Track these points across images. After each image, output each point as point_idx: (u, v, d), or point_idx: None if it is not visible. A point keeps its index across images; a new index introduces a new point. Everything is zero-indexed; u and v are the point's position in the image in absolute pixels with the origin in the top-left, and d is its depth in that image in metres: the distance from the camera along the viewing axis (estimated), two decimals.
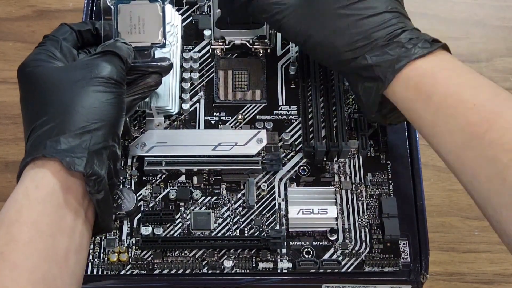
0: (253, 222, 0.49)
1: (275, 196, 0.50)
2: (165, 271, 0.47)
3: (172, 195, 0.49)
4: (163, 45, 0.47)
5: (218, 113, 0.53)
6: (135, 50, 0.46)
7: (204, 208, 0.49)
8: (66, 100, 0.39)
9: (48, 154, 0.37)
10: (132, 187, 0.50)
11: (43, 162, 0.38)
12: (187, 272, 0.47)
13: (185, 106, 0.52)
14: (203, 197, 0.50)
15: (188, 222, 0.49)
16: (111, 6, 0.47)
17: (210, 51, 0.55)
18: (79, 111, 0.39)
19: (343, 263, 0.48)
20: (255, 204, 0.49)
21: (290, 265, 0.47)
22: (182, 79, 0.54)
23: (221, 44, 0.55)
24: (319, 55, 0.46)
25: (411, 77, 0.41)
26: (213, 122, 0.52)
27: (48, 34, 0.45)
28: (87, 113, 0.39)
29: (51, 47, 0.44)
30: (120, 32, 0.46)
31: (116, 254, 0.47)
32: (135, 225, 0.48)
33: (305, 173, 0.51)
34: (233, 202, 0.49)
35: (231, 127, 0.52)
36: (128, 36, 0.46)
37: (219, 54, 0.55)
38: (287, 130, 0.52)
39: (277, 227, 0.49)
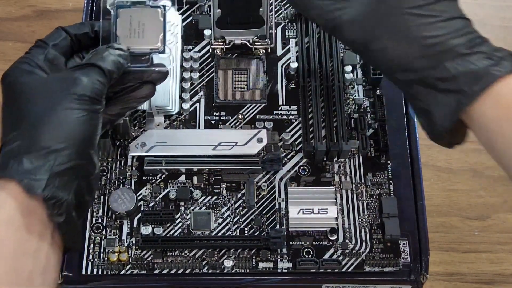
0: (253, 222, 0.49)
1: (275, 196, 0.50)
2: (165, 271, 0.47)
3: (172, 195, 0.49)
4: (162, 51, 0.45)
5: (218, 113, 0.53)
6: (133, 55, 0.44)
7: (204, 208, 0.49)
8: (37, 116, 0.38)
9: (9, 175, 0.36)
10: (132, 187, 0.50)
11: (5, 182, 0.36)
12: (187, 272, 0.47)
13: (185, 106, 0.52)
14: (203, 197, 0.50)
15: (188, 222, 0.49)
16: (111, 10, 0.46)
17: (210, 51, 0.55)
18: (47, 129, 0.37)
19: (343, 263, 0.47)
20: (255, 204, 0.49)
21: (290, 265, 0.47)
22: (182, 79, 0.54)
23: (221, 44, 0.54)
24: (383, 62, 0.40)
25: (502, 94, 0.36)
26: (213, 122, 0.52)
27: (39, 39, 0.43)
28: (55, 131, 0.37)
29: (37, 55, 0.42)
30: (119, 36, 0.45)
31: (116, 254, 0.47)
32: (135, 225, 0.48)
33: (305, 173, 0.51)
34: (233, 202, 0.49)
35: (231, 127, 0.52)
36: (127, 40, 0.45)
37: (219, 54, 0.55)
38: (287, 130, 0.52)
39: (277, 227, 0.49)
